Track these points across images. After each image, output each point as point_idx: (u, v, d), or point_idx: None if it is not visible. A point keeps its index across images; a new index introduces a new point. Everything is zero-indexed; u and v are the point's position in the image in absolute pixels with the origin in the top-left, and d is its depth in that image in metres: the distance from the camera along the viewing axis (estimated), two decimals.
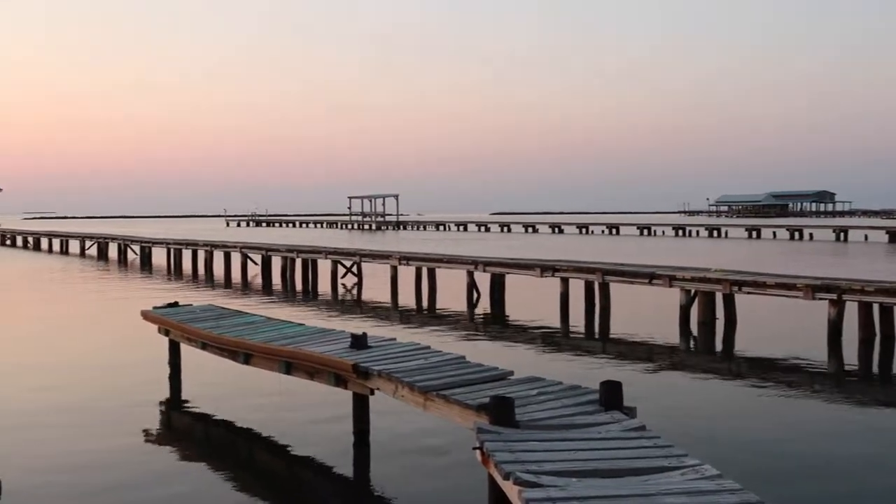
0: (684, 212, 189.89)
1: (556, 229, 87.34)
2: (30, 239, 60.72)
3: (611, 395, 6.60)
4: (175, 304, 13.84)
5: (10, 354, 14.74)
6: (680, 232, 74.76)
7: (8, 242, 64.75)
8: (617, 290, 21.01)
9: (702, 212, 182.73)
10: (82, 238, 51.86)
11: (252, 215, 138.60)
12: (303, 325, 11.84)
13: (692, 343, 16.67)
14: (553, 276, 21.35)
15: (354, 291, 26.72)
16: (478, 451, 5.75)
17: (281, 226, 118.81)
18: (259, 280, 30.84)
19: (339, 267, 29.56)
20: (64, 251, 51.21)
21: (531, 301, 22.91)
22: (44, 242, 57.44)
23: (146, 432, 9.85)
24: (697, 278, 18.21)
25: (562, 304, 20.67)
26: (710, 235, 70.65)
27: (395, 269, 26.32)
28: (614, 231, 79.97)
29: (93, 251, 48.65)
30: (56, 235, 56.42)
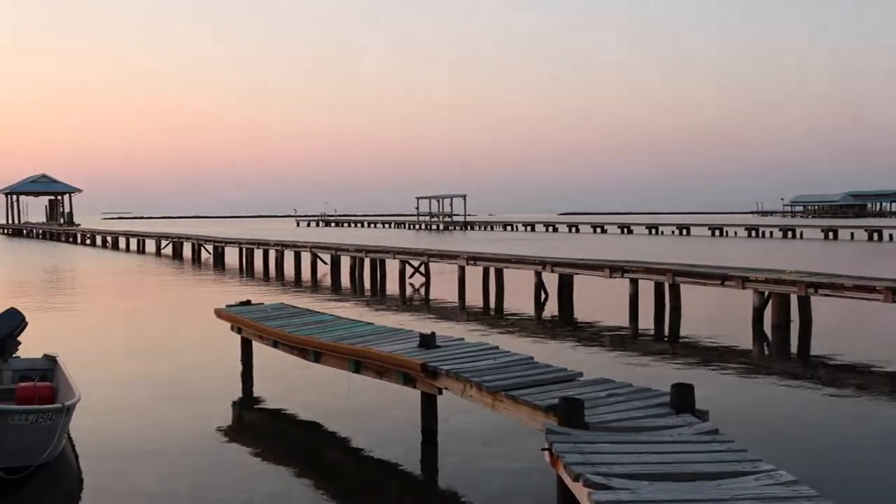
0: (757, 212, 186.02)
1: (625, 230, 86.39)
2: (108, 238, 62.55)
3: (682, 397, 6.50)
4: (247, 303, 14.07)
5: (87, 352, 15.18)
6: (753, 233, 73.17)
7: (88, 242, 66.80)
8: (688, 291, 20.68)
9: (776, 212, 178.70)
10: (158, 238, 53.17)
11: (322, 215, 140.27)
12: (372, 324, 11.93)
13: (766, 346, 16.32)
14: (622, 276, 21.13)
15: (422, 291, 26.84)
16: (546, 452, 5.73)
17: (350, 226, 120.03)
18: (328, 279, 31.20)
19: (408, 267, 29.72)
20: (140, 250, 52.61)
21: (600, 302, 22.70)
22: (121, 242, 59.10)
23: (218, 428, 10.05)
24: (771, 280, 17.82)
25: (631, 306, 20.43)
26: (785, 236, 69.02)
27: (462, 270, 26.36)
28: (685, 232, 78.74)
29: (168, 250, 49.85)
30: (133, 235, 58.01)
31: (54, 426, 7.94)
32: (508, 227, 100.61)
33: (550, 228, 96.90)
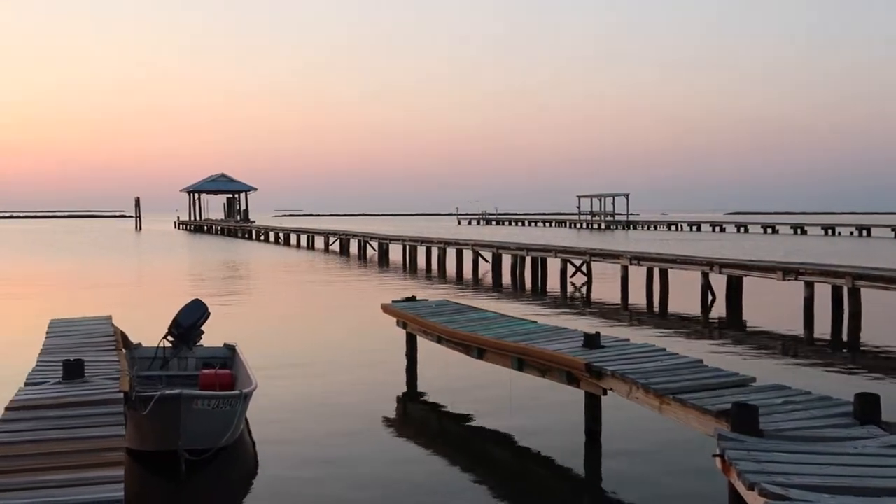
0: None
1: (799, 230, 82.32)
2: (280, 235, 65.55)
3: (867, 407, 6.12)
4: (412, 299, 14.34)
5: (260, 341, 15.90)
6: None
7: (262, 238, 70.17)
8: (869, 296, 19.47)
9: None
10: (326, 235, 55.13)
11: (483, 214, 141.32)
12: (535, 322, 11.90)
13: None
14: (796, 279, 20.13)
15: (584, 290, 26.58)
16: (718, 459, 5.53)
17: (511, 224, 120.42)
18: (490, 277, 31.41)
19: (569, 266, 29.51)
20: (310, 247, 54.78)
21: (770, 306, 21.75)
22: (293, 238, 61.78)
23: (385, 419, 10.31)
24: None
25: (805, 310, 19.44)
26: None
27: (625, 269, 25.90)
28: (864, 233, 74.18)
29: (336, 247, 51.61)
30: (303, 232, 60.49)
31: (233, 412, 8.39)
32: (672, 227, 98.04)
33: (717, 228, 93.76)
